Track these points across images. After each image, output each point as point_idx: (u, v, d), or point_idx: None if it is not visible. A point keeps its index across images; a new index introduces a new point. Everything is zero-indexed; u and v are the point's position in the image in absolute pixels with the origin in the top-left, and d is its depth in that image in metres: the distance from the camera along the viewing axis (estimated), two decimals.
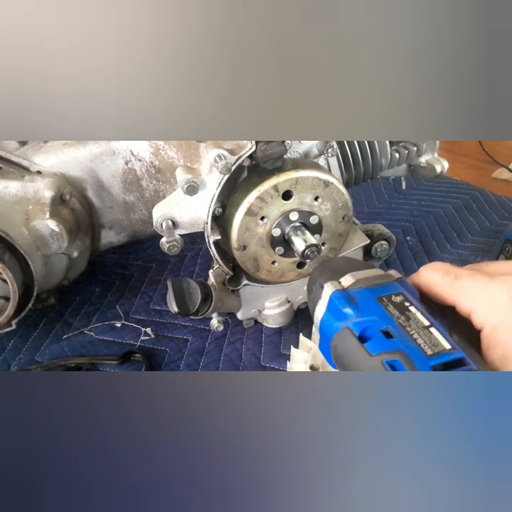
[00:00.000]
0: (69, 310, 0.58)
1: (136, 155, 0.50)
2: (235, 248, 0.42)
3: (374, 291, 0.26)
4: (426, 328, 0.23)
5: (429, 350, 0.22)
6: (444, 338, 0.23)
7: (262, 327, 0.54)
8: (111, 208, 0.53)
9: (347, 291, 0.27)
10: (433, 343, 0.22)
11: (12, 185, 0.47)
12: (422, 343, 0.22)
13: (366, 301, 0.25)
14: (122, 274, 0.64)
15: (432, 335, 0.23)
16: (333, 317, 0.26)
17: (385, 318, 0.24)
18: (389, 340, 0.23)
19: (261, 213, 0.40)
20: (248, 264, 0.43)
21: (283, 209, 0.41)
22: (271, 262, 0.44)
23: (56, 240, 0.47)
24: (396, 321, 0.24)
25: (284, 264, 0.45)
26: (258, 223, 0.41)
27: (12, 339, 0.54)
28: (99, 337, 0.54)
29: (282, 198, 0.40)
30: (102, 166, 0.50)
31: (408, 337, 0.23)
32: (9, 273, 0.43)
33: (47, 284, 0.52)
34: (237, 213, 0.40)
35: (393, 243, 0.53)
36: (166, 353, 0.51)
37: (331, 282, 0.27)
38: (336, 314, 0.26)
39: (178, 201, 0.41)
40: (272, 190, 0.39)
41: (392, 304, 0.25)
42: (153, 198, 0.52)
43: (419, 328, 0.23)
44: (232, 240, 0.41)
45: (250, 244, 0.42)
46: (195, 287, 0.42)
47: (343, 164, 0.48)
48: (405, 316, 0.24)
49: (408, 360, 0.22)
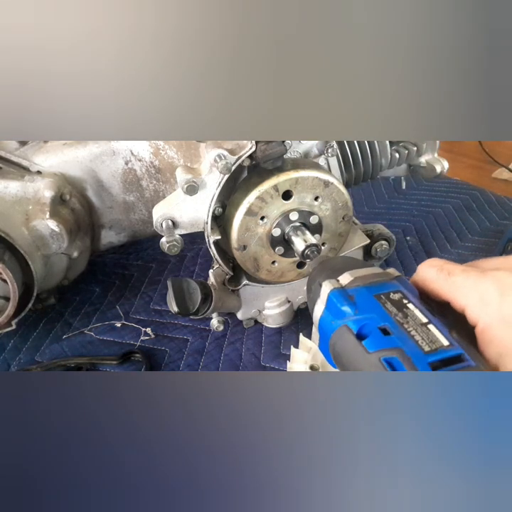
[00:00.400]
0: (69, 310, 0.58)
1: (136, 155, 0.50)
2: (235, 248, 0.42)
3: (372, 289, 0.26)
4: (424, 325, 0.23)
5: (426, 347, 0.22)
6: (442, 334, 0.23)
7: (262, 327, 0.54)
8: (111, 208, 0.53)
9: (345, 289, 0.27)
10: (431, 339, 0.22)
11: (12, 185, 0.47)
12: (420, 339, 0.22)
13: (364, 298, 0.25)
14: (122, 274, 0.64)
15: (429, 332, 0.23)
16: (331, 315, 0.26)
17: (383, 316, 0.24)
18: (386, 338, 0.23)
19: (261, 213, 0.40)
20: (248, 264, 0.43)
21: (283, 209, 0.41)
22: (271, 262, 0.44)
23: (56, 240, 0.47)
24: (394, 318, 0.24)
25: (284, 264, 0.45)
26: (258, 223, 0.41)
27: (12, 339, 0.54)
28: (99, 337, 0.54)
29: (282, 197, 0.40)
30: (102, 166, 0.50)
31: (406, 334, 0.23)
32: (9, 273, 0.43)
33: (47, 284, 0.52)
34: (237, 213, 0.40)
35: (393, 243, 0.53)
36: (166, 353, 0.52)
37: (329, 280, 0.27)
38: (334, 312, 0.26)
39: (178, 201, 0.41)
40: (272, 190, 0.39)
41: (390, 301, 0.25)
42: (153, 198, 0.52)
43: (417, 325, 0.23)
44: (232, 239, 0.41)
45: (250, 244, 0.42)
46: (195, 287, 0.42)
47: (343, 164, 0.48)
48: (403, 313, 0.24)
49: (406, 357, 0.22)
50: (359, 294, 0.26)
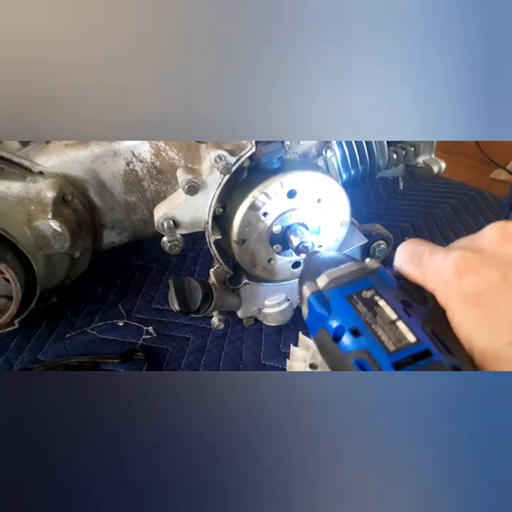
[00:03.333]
0: (71, 309, 0.59)
1: (137, 156, 0.50)
2: (234, 241, 0.42)
3: (344, 290, 0.26)
4: (392, 322, 0.23)
5: (392, 347, 0.22)
6: (411, 330, 0.23)
7: (262, 326, 0.54)
8: (112, 209, 0.54)
9: (321, 292, 0.27)
10: (397, 338, 0.22)
11: (14, 185, 0.47)
12: (386, 339, 0.23)
13: (337, 301, 0.26)
14: (124, 274, 0.65)
15: (397, 330, 0.23)
16: (313, 318, 0.27)
17: (353, 317, 0.24)
18: (356, 340, 0.23)
19: (264, 209, 0.41)
20: (246, 259, 0.44)
21: (286, 207, 0.41)
22: (267, 260, 0.45)
23: (58, 239, 0.47)
24: (363, 319, 0.24)
25: (280, 262, 0.45)
26: (260, 218, 0.41)
27: (15, 338, 0.54)
28: (101, 336, 0.55)
29: (287, 195, 0.41)
30: (103, 167, 0.51)
31: (372, 335, 0.23)
32: (12, 272, 0.44)
33: (49, 284, 0.53)
34: (241, 207, 0.40)
35: (391, 243, 0.53)
36: (167, 352, 0.52)
37: (308, 284, 0.28)
38: (314, 315, 0.27)
39: (179, 201, 0.41)
40: (278, 186, 0.40)
41: (362, 300, 0.25)
42: (154, 199, 0.53)
43: (385, 323, 0.23)
44: (232, 233, 0.42)
45: (250, 238, 0.42)
46: (197, 286, 0.43)
47: (342, 165, 0.48)
48: (373, 313, 0.24)
49: (372, 359, 0.22)
50: (333, 296, 0.26)
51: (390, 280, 0.27)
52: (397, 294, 0.25)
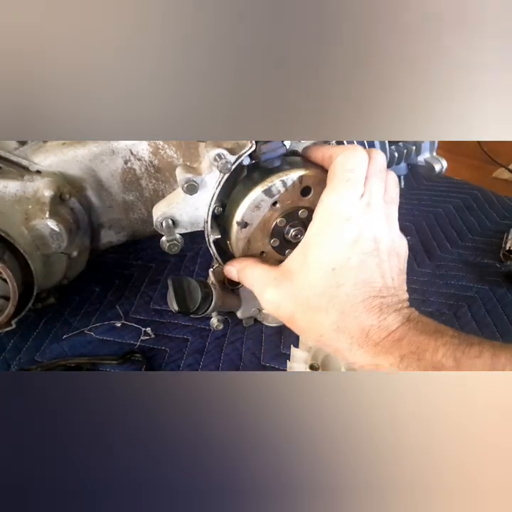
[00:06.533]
0: (69, 310, 0.58)
1: (135, 154, 0.50)
2: (237, 222, 0.41)
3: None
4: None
5: None
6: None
7: (262, 326, 0.54)
8: (110, 208, 0.53)
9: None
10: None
11: (12, 184, 0.47)
12: None
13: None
14: (122, 274, 0.64)
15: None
16: None
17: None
18: None
19: (277, 197, 0.40)
20: (239, 244, 0.42)
21: (298, 203, 0.41)
22: (260, 252, 0.43)
23: (56, 239, 0.47)
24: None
25: (271, 259, 0.44)
26: (270, 206, 0.40)
27: (12, 339, 0.54)
28: (99, 337, 0.54)
29: (301, 192, 0.40)
30: (101, 166, 0.50)
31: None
32: (9, 272, 0.43)
33: (46, 284, 0.52)
34: (256, 188, 0.39)
35: None
36: (166, 353, 0.51)
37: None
38: None
39: (178, 200, 0.41)
40: (297, 179, 0.39)
41: None
42: (152, 198, 0.52)
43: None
44: (237, 212, 0.40)
45: (253, 224, 0.41)
46: (196, 286, 0.42)
47: None
48: None
49: None
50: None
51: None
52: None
